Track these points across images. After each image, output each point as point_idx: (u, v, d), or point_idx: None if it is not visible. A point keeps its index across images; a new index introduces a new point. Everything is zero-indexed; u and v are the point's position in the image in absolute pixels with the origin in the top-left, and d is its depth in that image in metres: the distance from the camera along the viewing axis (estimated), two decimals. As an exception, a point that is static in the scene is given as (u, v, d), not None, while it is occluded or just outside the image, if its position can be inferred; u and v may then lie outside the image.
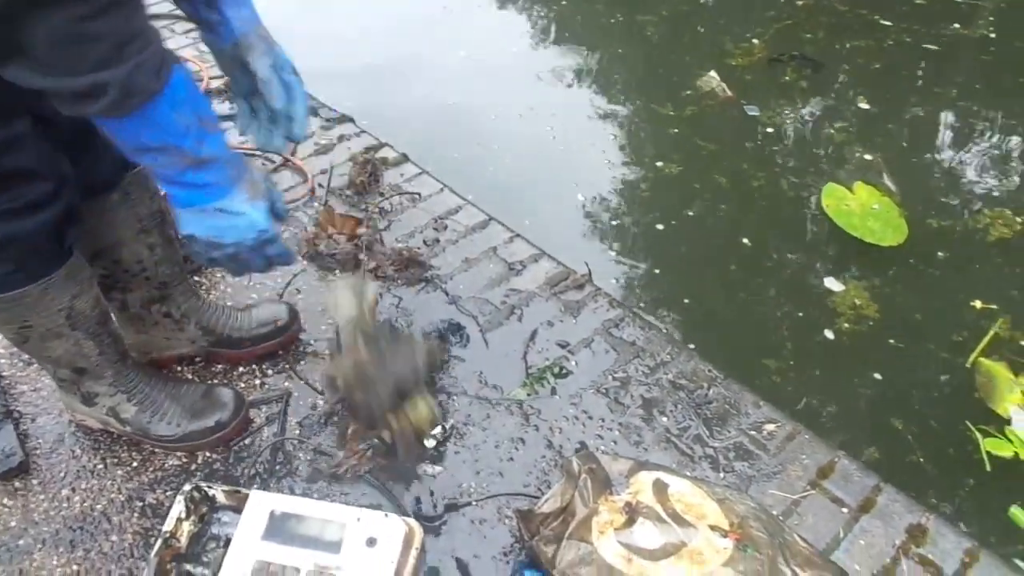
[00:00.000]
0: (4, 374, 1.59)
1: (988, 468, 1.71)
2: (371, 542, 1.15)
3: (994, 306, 2.10)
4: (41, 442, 1.48)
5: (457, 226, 1.99)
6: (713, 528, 1.28)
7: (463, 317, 1.74)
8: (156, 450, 1.47)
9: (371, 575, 1.12)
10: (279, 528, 1.17)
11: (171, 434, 1.43)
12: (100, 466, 1.45)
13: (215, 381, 1.58)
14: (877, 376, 1.96)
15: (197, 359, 1.61)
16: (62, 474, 1.44)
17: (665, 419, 1.55)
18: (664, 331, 1.74)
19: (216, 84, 2.41)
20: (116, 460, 1.46)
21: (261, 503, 1.19)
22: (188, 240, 1.04)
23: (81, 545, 1.33)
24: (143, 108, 0.86)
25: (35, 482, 1.42)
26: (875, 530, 1.39)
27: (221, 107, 2.33)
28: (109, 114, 0.86)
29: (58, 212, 1.13)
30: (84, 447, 1.47)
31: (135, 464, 1.45)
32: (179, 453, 1.46)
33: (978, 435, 1.77)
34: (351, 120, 2.38)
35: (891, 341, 2.03)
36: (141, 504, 1.39)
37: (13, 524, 1.36)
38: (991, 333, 2.00)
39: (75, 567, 1.31)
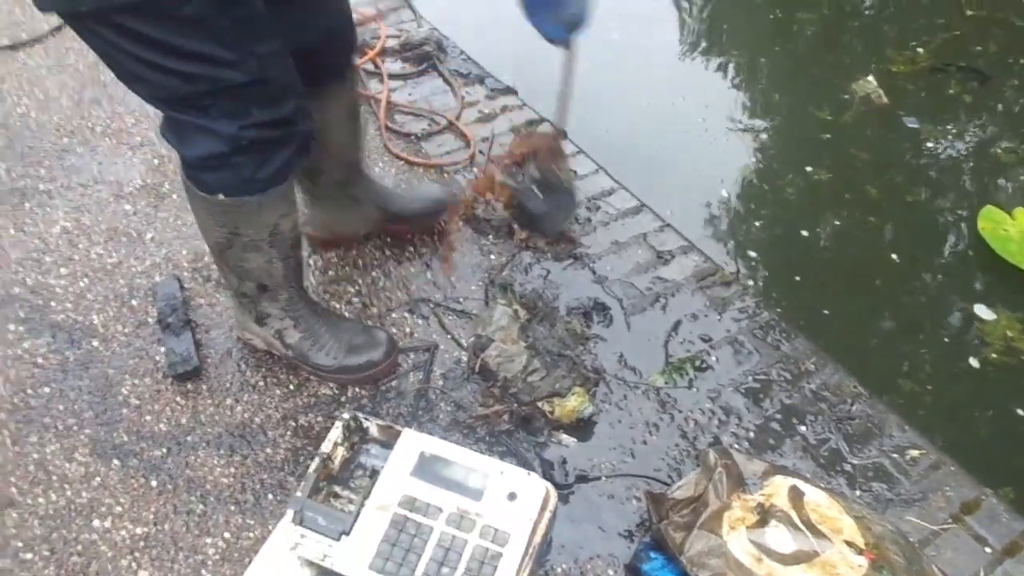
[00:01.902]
0: (186, 286, 1.73)
1: None
2: (511, 496, 1.20)
3: None
4: (212, 352, 1.61)
5: (609, 208, 2.01)
6: (848, 544, 1.26)
7: (608, 298, 1.76)
8: (311, 377, 1.57)
9: (509, 527, 1.17)
10: (427, 468, 1.23)
11: (328, 364, 1.53)
12: (261, 383, 1.56)
13: (370, 323, 1.67)
14: (1020, 412, 1.86)
15: (372, 237, 1.83)
16: (228, 384, 1.56)
17: (804, 428, 1.53)
18: (810, 341, 1.70)
19: (392, 43, 2.50)
20: (276, 380, 1.57)
21: (413, 441, 1.26)
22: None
23: (239, 451, 1.45)
24: None
25: (204, 387, 1.55)
26: (1019, 575, 1.33)
27: (394, 66, 2.42)
28: None
29: (306, 130, 1.25)
30: (249, 364, 1.59)
31: (292, 387, 1.56)
32: (331, 384, 1.56)
33: None
34: (515, 92, 2.43)
35: (1043, 376, 1.92)
36: (294, 424, 1.50)
37: (184, 421, 1.49)
38: None
39: (232, 470, 1.42)
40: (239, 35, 1.08)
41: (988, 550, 1.36)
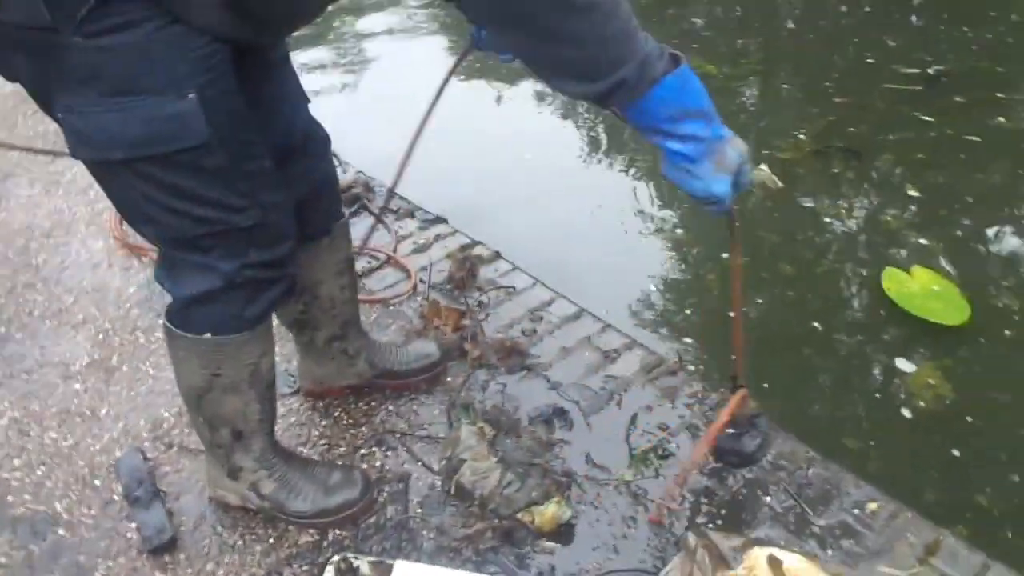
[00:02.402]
0: (149, 456, 1.73)
1: None
2: (511, 611, 1.23)
3: None
4: (185, 519, 1.60)
5: (552, 317, 2.12)
6: (831, 603, 1.33)
7: (565, 402, 1.84)
8: (289, 527, 1.57)
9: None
10: (425, 596, 1.25)
11: (306, 510, 1.54)
12: (240, 542, 1.56)
13: (340, 463, 1.70)
14: (956, 453, 2.00)
15: (364, 389, 1.85)
16: (206, 549, 1.55)
17: (769, 498, 1.61)
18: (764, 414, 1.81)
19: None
20: (254, 536, 1.57)
21: (406, 573, 1.28)
22: (665, 177, 1.25)
23: (228, 616, 1.43)
24: (635, 103, 1.09)
25: (183, 556, 1.54)
26: (988, 608, 1.41)
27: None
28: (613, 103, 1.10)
29: (294, 272, 1.36)
30: (225, 524, 1.59)
31: (271, 540, 1.56)
32: (311, 530, 1.56)
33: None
34: (444, 220, 2.56)
35: (968, 419, 2.07)
36: (279, 577, 1.49)
37: (166, 596, 1.47)
38: None
39: (223, 637, 1.40)
40: (250, 185, 1.21)
41: (957, 587, 1.45)
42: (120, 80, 1.06)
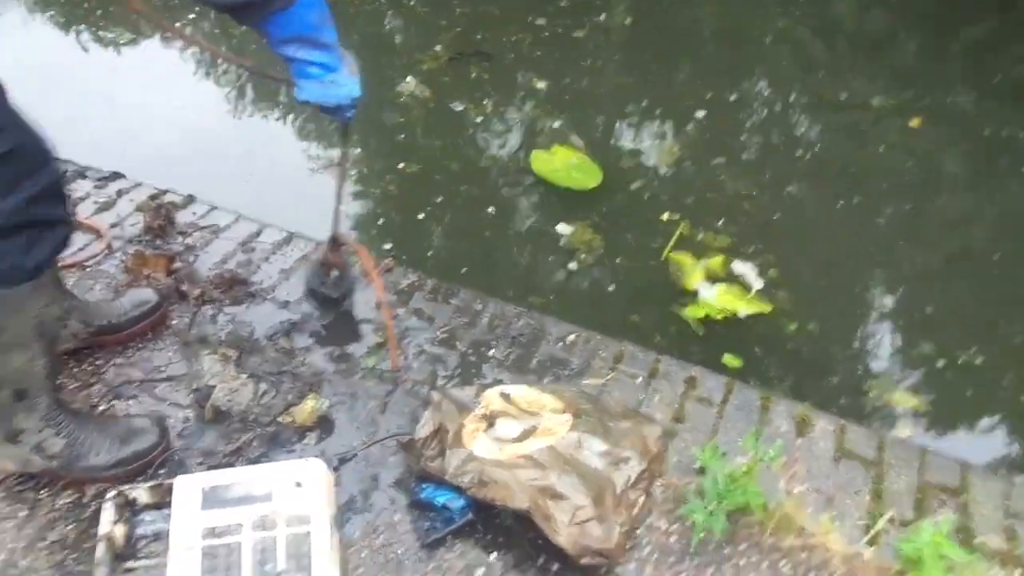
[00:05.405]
0: None
1: (701, 332, 2.29)
2: (298, 484, 1.36)
3: (677, 216, 2.77)
4: (-89, 519, 1.47)
5: (263, 245, 2.18)
6: (553, 411, 1.64)
7: (298, 316, 1.95)
8: (41, 495, 1.52)
9: (306, 509, 1.33)
10: (213, 498, 1.33)
11: (104, 462, 1.50)
12: (-14, 524, 1.47)
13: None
14: (611, 289, 2.49)
15: (85, 351, 1.77)
16: (-53, 541, 1.44)
17: (492, 351, 1.90)
18: (470, 290, 2.09)
19: None
20: (1, 515, 1.49)
21: (188, 483, 1.35)
22: (303, 103, 1.43)
23: (-3, 593, 1.37)
24: (285, 11, 1.27)
25: (-80, 556, 1.42)
26: (663, 387, 1.84)
27: None
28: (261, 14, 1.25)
29: (72, 214, 1.33)
30: (-38, 512, 1.48)
31: (24, 514, 1.49)
32: (69, 491, 1.52)
33: (683, 312, 2.36)
34: (122, 175, 2.45)
35: (618, 260, 2.58)
36: (45, 543, 1.45)
37: (-87, 597, 1.36)
38: (677, 234, 2.64)
39: (-2, 614, 1.35)
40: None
41: (640, 381, 1.86)
42: None
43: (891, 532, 1.56)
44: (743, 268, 2.54)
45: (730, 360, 2.18)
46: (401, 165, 3.00)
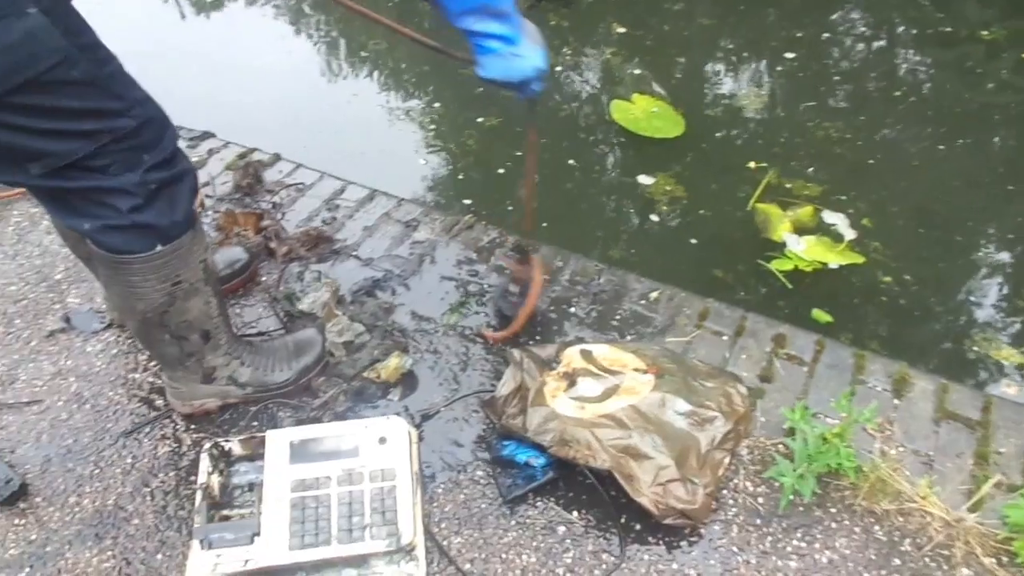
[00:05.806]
0: (-34, 421, 1.64)
1: (790, 286, 2.18)
2: (382, 440, 1.39)
3: (764, 164, 2.63)
4: (30, 466, 1.57)
5: (347, 203, 2.21)
6: (636, 370, 1.62)
7: (380, 273, 1.97)
8: (145, 441, 1.60)
9: (390, 463, 1.36)
10: (302, 452, 1.37)
11: (289, 376, 1.63)
12: (96, 471, 1.57)
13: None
14: (694, 242, 2.40)
15: None
16: (62, 486, 1.54)
17: (573, 309, 1.87)
18: (551, 245, 2.06)
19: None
20: (109, 462, 1.58)
21: (279, 437, 1.39)
22: (488, 82, 1.35)
23: (107, 535, 1.46)
24: None
25: (39, 499, 1.52)
26: (750, 345, 1.78)
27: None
28: None
29: (192, 167, 1.38)
30: (75, 460, 1.58)
31: (130, 460, 1.58)
32: (169, 437, 1.60)
33: (769, 265, 2.24)
34: (212, 135, 2.51)
35: (701, 212, 2.49)
36: (148, 489, 1.53)
37: (34, 537, 1.46)
38: (764, 183, 2.52)
39: (108, 554, 1.44)
40: (118, 85, 1.19)
41: (725, 338, 1.80)
42: None
43: (997, 497, 1.48)
44: (834, 218, 2.41)
45: (820, 315, 2.08)
46: (480, 119, 2.97)
